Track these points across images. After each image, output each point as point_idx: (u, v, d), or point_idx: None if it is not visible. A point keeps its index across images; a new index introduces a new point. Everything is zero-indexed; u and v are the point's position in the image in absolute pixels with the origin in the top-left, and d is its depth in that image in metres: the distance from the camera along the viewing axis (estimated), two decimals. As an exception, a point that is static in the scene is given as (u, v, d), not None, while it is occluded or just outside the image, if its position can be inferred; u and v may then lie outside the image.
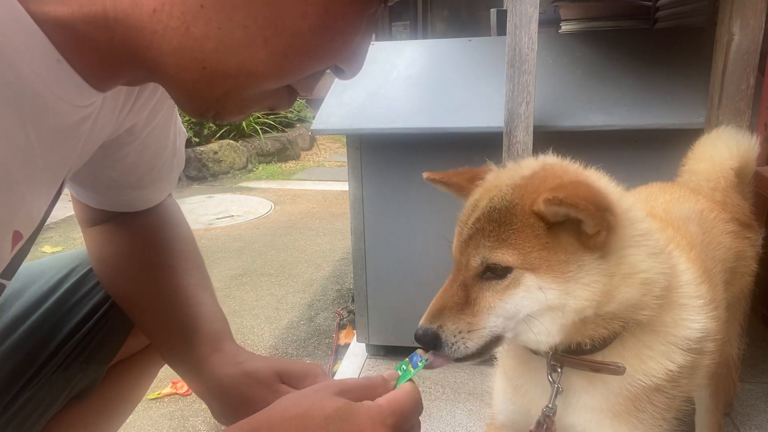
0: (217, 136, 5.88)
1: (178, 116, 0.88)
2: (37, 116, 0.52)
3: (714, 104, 1.49)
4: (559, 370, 0.85)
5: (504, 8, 2.60)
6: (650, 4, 2.63)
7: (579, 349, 0.82)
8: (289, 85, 0.61)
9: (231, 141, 5.89)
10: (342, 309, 2.46)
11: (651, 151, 1.70)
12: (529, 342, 0.81)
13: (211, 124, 5.71)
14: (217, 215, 4.24)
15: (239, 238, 3.70)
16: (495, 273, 0.76)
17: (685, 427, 0.99)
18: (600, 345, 0.82)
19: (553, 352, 0.83)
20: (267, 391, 0.76)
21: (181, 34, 0.50)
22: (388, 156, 1.87)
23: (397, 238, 1.94)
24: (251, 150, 6.06)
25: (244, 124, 6.10)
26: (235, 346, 0.84)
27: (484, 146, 1.60)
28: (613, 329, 0.80)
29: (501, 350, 1.01)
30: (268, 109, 0.63)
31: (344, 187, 2.58)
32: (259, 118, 6.34)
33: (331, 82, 1.99)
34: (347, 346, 2.22)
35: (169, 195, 0.98)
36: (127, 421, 1.08)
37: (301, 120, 7.09)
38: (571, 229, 0.75)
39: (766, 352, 1.99)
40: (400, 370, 0.70)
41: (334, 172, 5.92)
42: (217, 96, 0.55)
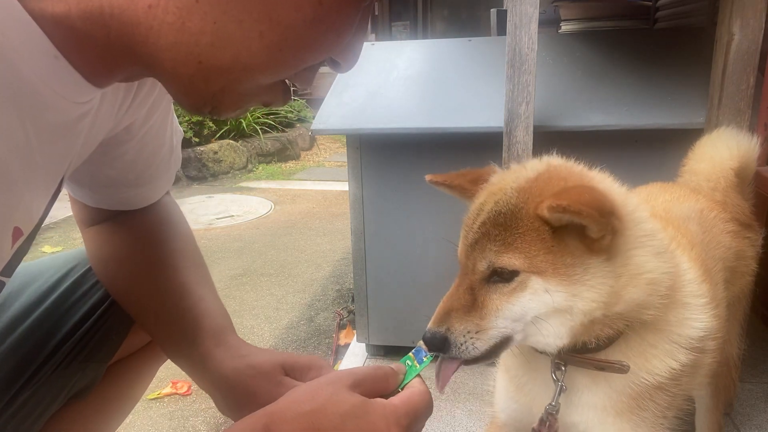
0: (217, 136, 5.88)
1: (175, 115, 0.88)
2: (36, 113, 0.52)
3: (714, 104, 1.49)
4: (563, 369, 0.85)
5: (504, 8, 2.60)
6: (650, 4, 2.63)
7: (584, 348, 0.82)
8: (284, 81, 0.61)
9: (231, 141, 5.89)
10: (342, 309, 2.46)
11: (651, 151, 1.70)
12: (538, 344, 0.82)
13: (211, 124, 5.72)
14: (217, 215, 4.24)
15: (239, 238, 3.70)
16: (502, 276, 0.76)
17: (686, 426, 0.98)
18: (605, 344, 0.82)
19: (558, 351, 0.83)
20: (271, 384, 0.76)
21: (177, 30, 0.50)
22: (388, 156, 1.87)
23: (397, 238, 1.93)
24: (251, 150, 6.06)
25: (244, 124, 6.10)
26: (238, 339, 0.84)
27: (484, 146, 1.60)
28: (617, 328, 0.80)
29: (503, 349, 1.02)
30: (264, 105, 0.63)
31: (344, 187, 2.58)
32: (259, 118, 6.34)
33: (331, 82, 1.99)
34: (347, 346, 2.22)
35: (167, 193, 0.98)
36: (127, 420, 1.08)
37: (301, 120, 7.09)
38: (576, 233, 0.75)
39: (766, 352, 1.99)
40: (405, 364, 0.70)
41: (334, 172, 5.92)
42: (214, 91, 0.55)
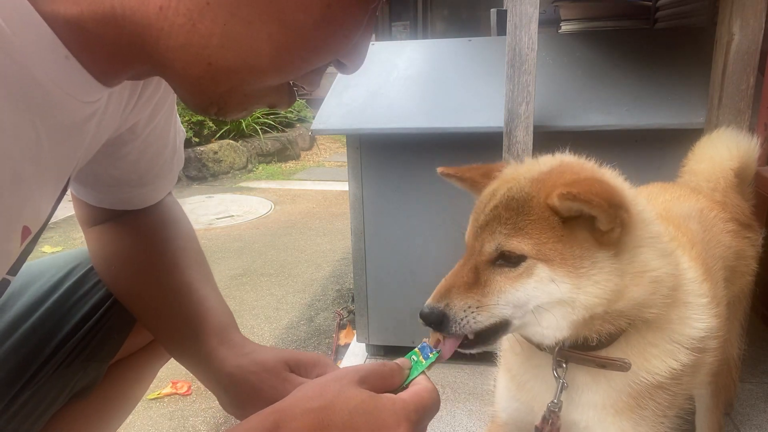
0: (217, 136, 5.88)
1: (177, 115, 0.88)
2: (46, 113, 0.53)
3: (714, 104, 1.49)
4: (564, 366, 0.85)
5: (504, 8, 2.60)
6: (650, 4, 2.63)
7: (585, 345, 0.82)
8: (290, 84, 0.61)
9: (231, 141, 5.89)
10: (342, 309, 2.46)
11: (651, 151, 1.70)
12: (535, 335, 0.81)
13: (211, 124, 5.72)
14: (217, 215, 4.24)
15: (239, 238, 3.70)
16: (508, 261, 0.76)
17: (686, 426, 0.99)
18: (606, 341, 0.82)
19: (559, 347, 0.83)
20: (276, 381, 0.76)
21: (187, 31, 0.50)
22: (388, 156, 1.87)
23: (397, 238, 1.94)
24: (251, 150, 6.06)
25: (244, 125, 6.10)
26: (242, 337, 0.84)
27: (484, 146, 1.60)
28: (619, 326, 0.80)
29: (503, 347, 1.02)
30: (269, 107, 0.63)
31: (344, 187, 2.58)
32: (259, 118, 6.34)
33: (331, 82, 2.00)
34: (347, 346, 2.22)
35: (170, 193, 0.98)
36: (127, 420, 1.08)
37: (301, 120, 7.09)
38: (586, 225, 0.75)
39: (766, 352, 1.99)
40: (411, 360, 0.69)
41: (334, 172, 5.92)
42: (221, 92, 0.56)
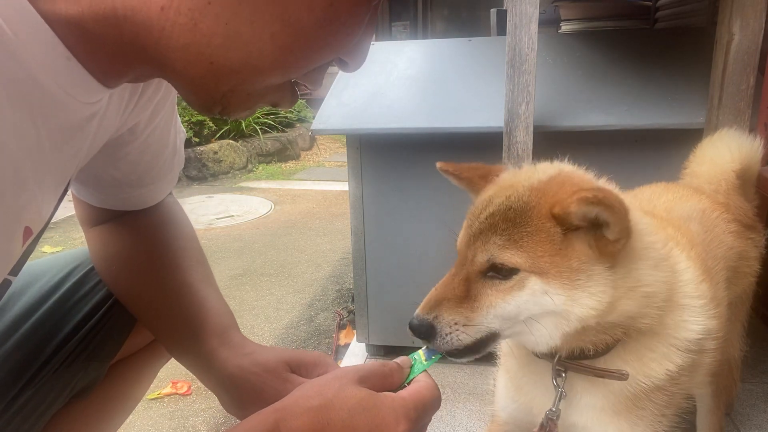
0: (217, 136, 5.88)
1: (178, 116, 0.88)
2: (48, 114, 0.53)
3: (714, 104, 1.49)
4: (563, 375, 0.84)
5: (504, 8, 2.60)
6: (650, 4, 2.63)
7: (582, 355, 0.82)
8: (292, 83, 0.61)
9: (231, 141, 5.89)
10: (342, 309, 2.46)
11: (651, 151, 1.70)
12: (527, 343, 0.81)
13: (211, 124, 5.71)
14: (217, 215, 4.24)
15: (239, 238, 3.70)
16: (499, 273, 0.75)
17: (687, 425, 0.99)
18: (603, 350, 0.82)
19: (558, 357, 0.83)
20: (277, 381, 0.77)
21: (189, 31, 0.50)
22: (388, 156, 1.87)
23: (397, 238, 1.94)
24: (251, 150, 6.06)
25: (244, 125, 6.10)
26: (243, 337, 0.84)
27: (484, 146, 1.60)
28: (615, 335, 0.80)
29: (503, 351, 1.02)
30: (272, 106, 0.63)
31: (344, 187, 2.58)
32: (259, 118, 6.34)
33: (331, 82, 2.00)
34: (347, 346, 2.22)
35: (170, 194, 0.98)
36: (127, 420, 1.08)
37: (301, 120, 7.09)
38: (586, 237, 0.74)
39: (767, 352, 1.99)
40: (413, 359, 0.69)
41: (334, 172, 5.92)
42: (224, 91, 0.56)
